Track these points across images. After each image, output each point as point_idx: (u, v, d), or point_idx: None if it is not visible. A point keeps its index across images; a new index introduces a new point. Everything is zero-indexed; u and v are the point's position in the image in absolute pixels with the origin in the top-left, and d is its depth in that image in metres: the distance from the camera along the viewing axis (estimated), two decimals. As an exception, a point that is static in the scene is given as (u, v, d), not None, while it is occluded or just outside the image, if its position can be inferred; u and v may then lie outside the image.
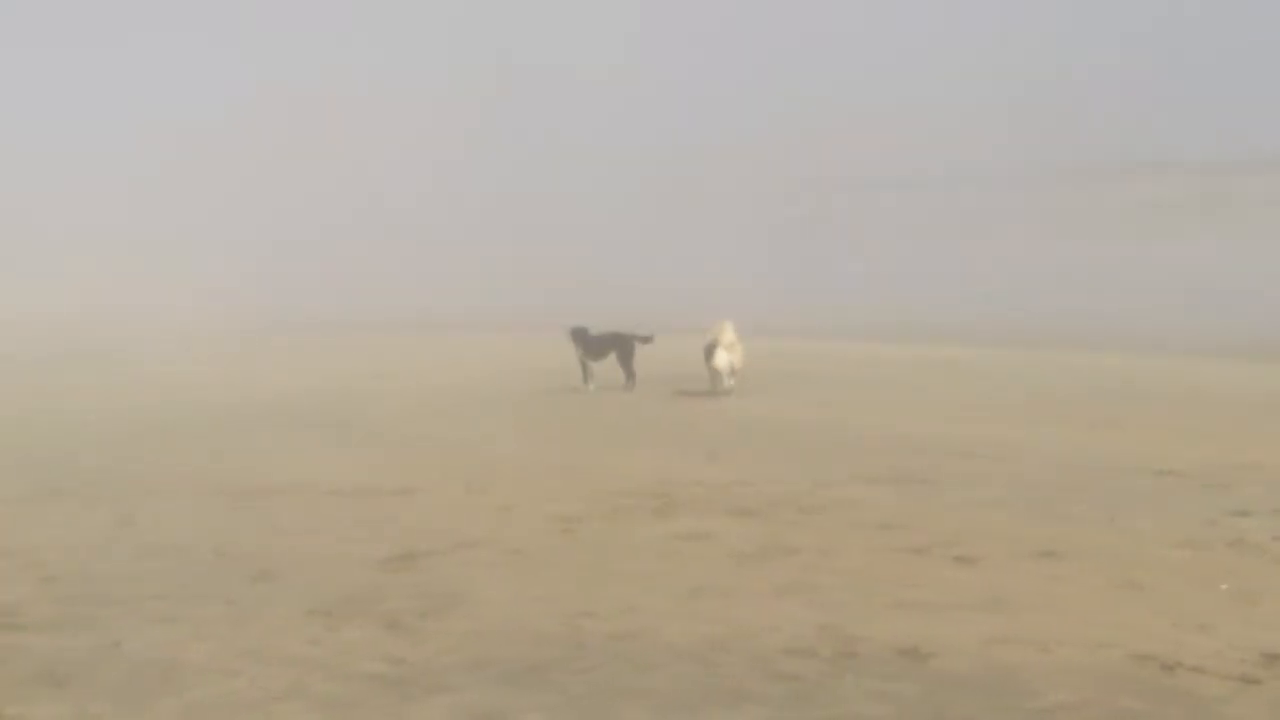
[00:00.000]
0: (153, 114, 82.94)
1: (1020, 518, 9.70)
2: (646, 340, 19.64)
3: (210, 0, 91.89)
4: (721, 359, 18.19)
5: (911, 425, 14.95)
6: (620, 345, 19.56)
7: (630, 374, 19.37)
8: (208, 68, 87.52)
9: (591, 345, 19.64)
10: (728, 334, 18.38)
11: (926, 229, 61.84)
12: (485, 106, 78.93)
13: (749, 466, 12.30)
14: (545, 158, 75.56)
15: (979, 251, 54.83)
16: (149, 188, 77.22)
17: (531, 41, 78.90)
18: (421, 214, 70.95)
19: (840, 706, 5.91)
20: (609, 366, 19.51)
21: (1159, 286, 40.22)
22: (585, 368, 19.58)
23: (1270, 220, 52.10)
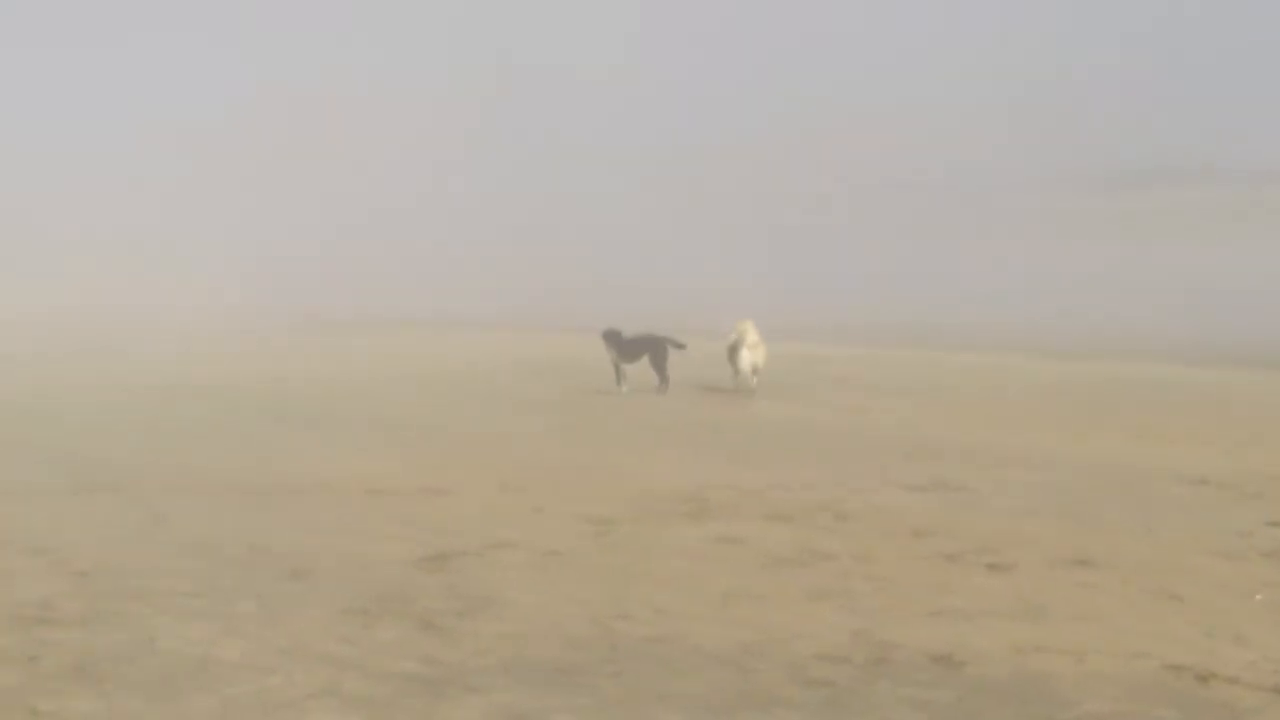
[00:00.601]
0: (153, 114, 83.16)
1: (1053, 525, 9.71)
2: (680, 346, 19.68)
3: (210, 0, 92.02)
4: (746, 359, 18.72)
5: (938, 430, 15.02)
6: (653, 348, 19.61)
7: (664, 377, 19.41)
8: (208, 68, 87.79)
9: (625, 348, 19.66)
10: (752, 334, 18.84)
11: (925, 229, 61.99)
12: (485, 106, 79.11)
13: (780, 470, 12.33)
14: (545, 158, 75.72)
15: (978, 252, 54.94)
16: (149, 188, 77.24)
17: (531, 41, 79.15)
18: (421, 214, 70.95)
19: (873, 713, 5.91)
20: (642, 369, 19.54)
21: (1160, 289, 40.28)
22: (618, 370, 19.62)
23: (1274, 225, 52.24)
